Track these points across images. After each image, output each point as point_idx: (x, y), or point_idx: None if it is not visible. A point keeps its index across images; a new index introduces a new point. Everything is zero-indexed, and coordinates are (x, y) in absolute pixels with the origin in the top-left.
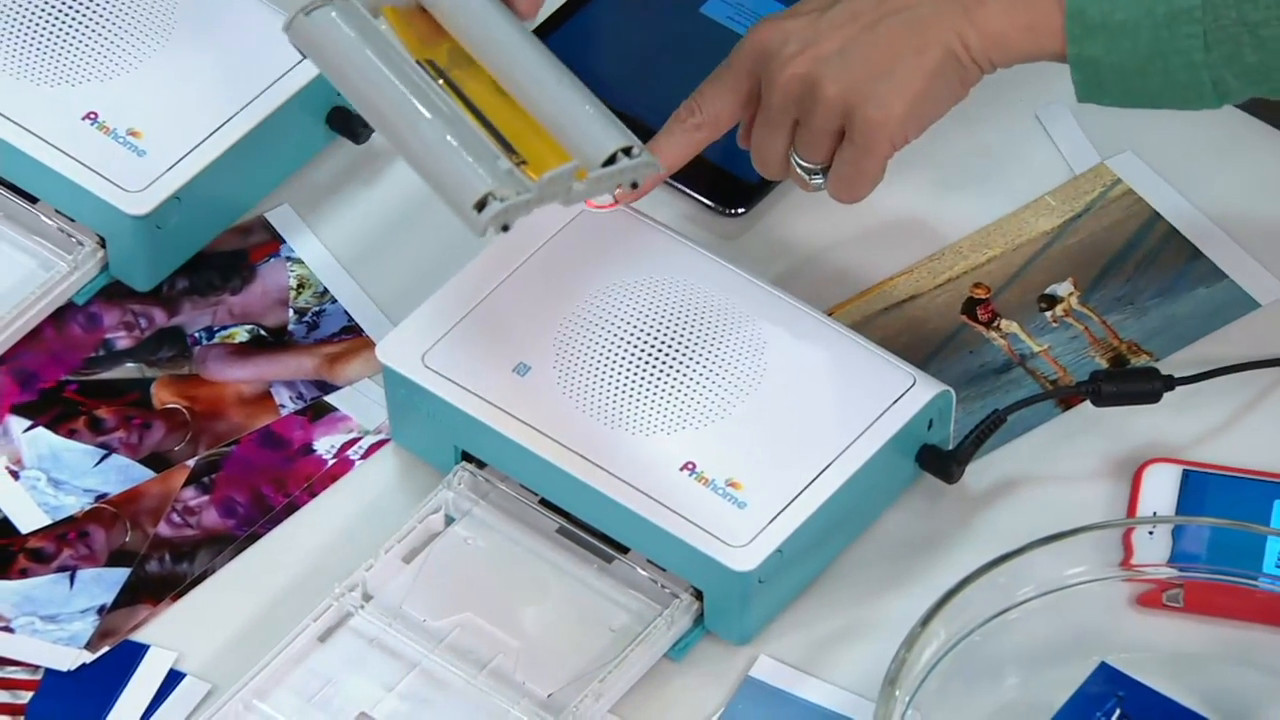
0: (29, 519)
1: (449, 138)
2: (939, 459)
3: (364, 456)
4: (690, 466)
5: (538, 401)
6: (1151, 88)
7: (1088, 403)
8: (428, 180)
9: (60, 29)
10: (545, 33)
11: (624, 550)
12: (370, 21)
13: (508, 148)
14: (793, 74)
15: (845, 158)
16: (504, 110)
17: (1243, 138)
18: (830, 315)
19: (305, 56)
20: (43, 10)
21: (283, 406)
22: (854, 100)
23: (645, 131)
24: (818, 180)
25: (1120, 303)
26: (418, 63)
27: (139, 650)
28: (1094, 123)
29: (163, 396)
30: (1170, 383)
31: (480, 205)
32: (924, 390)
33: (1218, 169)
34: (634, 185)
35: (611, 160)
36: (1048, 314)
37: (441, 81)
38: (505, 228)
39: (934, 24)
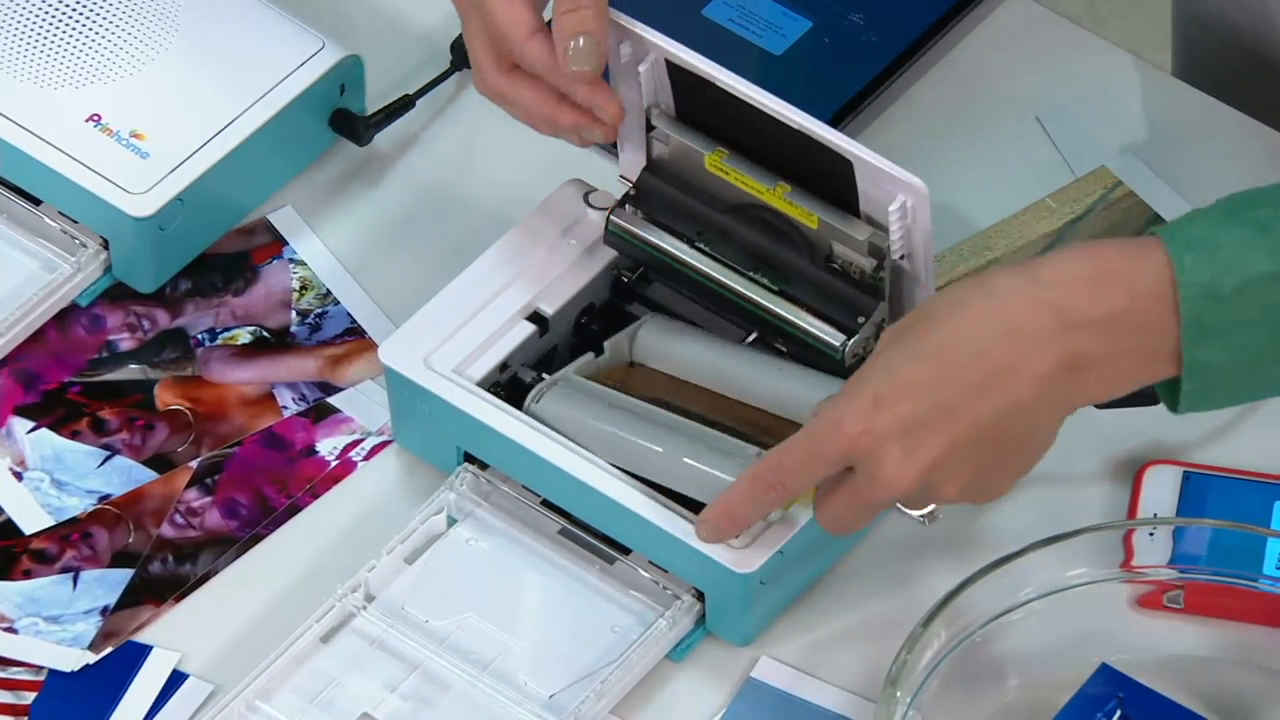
0: (32, 520)
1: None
2: None
3: (366, 458)
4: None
5: None
6: (1264, 380)
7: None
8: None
9: (64, 31)
10: None
11: (625, 551)
12: (592, 387)
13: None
14: (907, 486)
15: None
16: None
17: (1243, 140)
18: None
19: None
20: (46, 13)
21: (285, 408)
22: (971, 495)
23: None
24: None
25: None
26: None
27: (142, 651)
28: (1095, 125)
29: (165, 398)
30: None
31: None
32: None
33: (1218, 172)
34: None
35: None
36: None
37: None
38: None
39: (1038, 410)
